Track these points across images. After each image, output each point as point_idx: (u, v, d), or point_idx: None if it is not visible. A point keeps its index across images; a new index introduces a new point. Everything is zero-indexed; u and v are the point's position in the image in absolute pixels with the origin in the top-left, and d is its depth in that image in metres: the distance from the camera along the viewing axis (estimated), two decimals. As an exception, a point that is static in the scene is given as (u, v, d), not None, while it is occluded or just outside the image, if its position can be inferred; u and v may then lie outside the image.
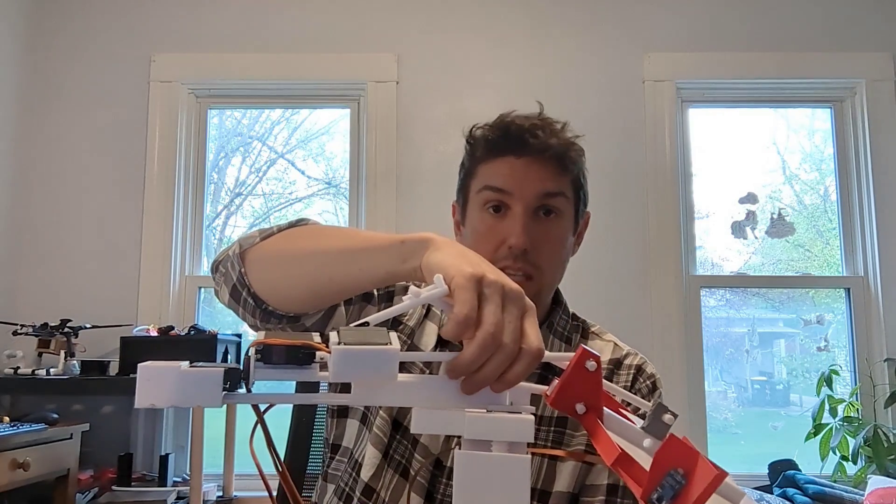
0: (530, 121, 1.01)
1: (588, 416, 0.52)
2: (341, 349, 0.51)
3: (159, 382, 0.50)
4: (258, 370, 0.52)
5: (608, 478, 0.99)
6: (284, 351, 0.52)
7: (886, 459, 2.41)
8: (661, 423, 0.51)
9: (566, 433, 0.99)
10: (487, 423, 0.53)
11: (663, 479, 0.44)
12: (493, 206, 1.00)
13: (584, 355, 0.52)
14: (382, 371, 0.51)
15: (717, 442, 2.83)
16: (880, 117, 2.85)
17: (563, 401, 0.53)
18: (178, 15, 2.90)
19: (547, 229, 0.99)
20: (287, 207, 3.06)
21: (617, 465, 0.47)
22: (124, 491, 2.40)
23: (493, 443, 0.53)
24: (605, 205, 2.75)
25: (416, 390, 0.56)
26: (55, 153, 2.82)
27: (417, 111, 2.82)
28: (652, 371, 1.06)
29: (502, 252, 0.97)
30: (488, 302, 0.58)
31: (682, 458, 0.44)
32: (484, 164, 1.03)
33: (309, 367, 0.53)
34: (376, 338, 0.52)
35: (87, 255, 2.75)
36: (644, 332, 2.68)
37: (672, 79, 2.86)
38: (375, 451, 1.00)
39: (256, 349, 0.52)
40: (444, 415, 0.55)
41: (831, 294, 2.93)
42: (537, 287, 0.98)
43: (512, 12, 2.91)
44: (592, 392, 0.52)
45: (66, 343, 2.45)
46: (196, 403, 0.51)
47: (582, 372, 0.52)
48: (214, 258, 0.92)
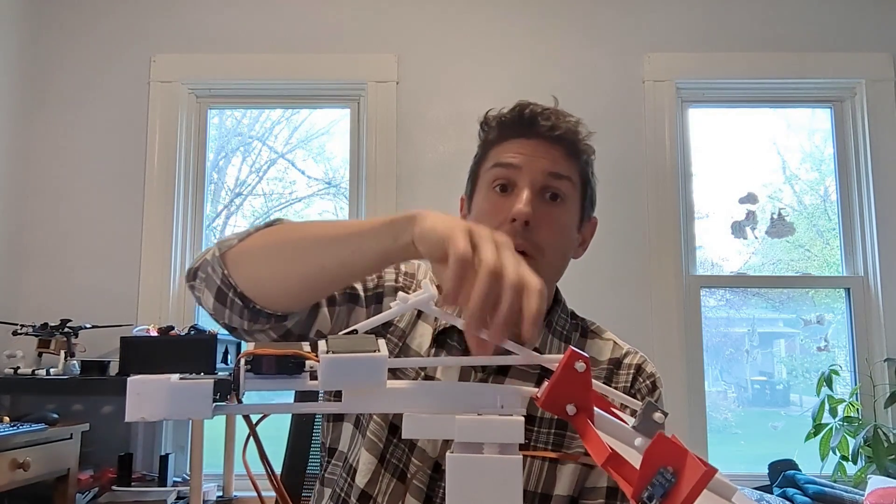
0: (545, 107, 1.03)
1: (578, 417, 0.52)
2: (329, 358, 0.51)
3: (149, 396, 0.50)
4: (248, 381, 0.53)
5: (608, 480, 0.98)
6: (274, 361, 0.53)
7: (886, 459, 2.41)
8: (651, 422, 0.51)
9: (566, 436, 0.99)
10: (478, 426, 0.54)
11: (653, 477, 0.44)
12: (500, 184, 1.00)
13: (573, 356, 0.53)
14: (371, 378, 0.52)
15: (717, 442, 2.83)
16: (880, 117, 2.85)
17: (554, 403, 0.53)
18: (178, 15, 2.90)
19: (551, 211, 0.99)
20: (287, 207, 3.06)
21: (608, 465, 0.47)
22: (124, 491, 2.40)
23: (484, 445, 0.54)
24: (606, 205, 2.73)
25: (406, 397, 0.56)
26: (55, 153, 2.82)
27: (417, 111, 2.82)
28: (652, 370, 1.06)
29: (505, 228, 0.96)
30: (482, 246, 0.61)
31: (671, 456, 0.44)
32: (496, 146, 1.04)
33: (299, 376, 0.54)
34: (365, 345, 0.53)
35: (87, 255, 2.75)
36: (644, 332, 2.68)
37: (672, 79, 2.86)
38: (370, 456, 0.99)
39: (246, 360, 0.53)
40: (435, 419, 0.55)
41: (831, 294, 2.93)
42: (535, 267, 0.97)
43: (512, 12, 2.91)
44: (582, 393, 0.53)
45: (66, 343, 2.45)
46: (187, 416, 0.51)
47: (571, 373, 0.52)
48: (189, 266, 0.91)
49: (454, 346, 1.01)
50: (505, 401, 0.56)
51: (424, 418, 0.55)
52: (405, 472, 0.98)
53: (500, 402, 0.56)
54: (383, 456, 0.99)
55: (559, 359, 0.54)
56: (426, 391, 0.57)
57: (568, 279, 1.07)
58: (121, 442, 2.61)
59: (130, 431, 2.66)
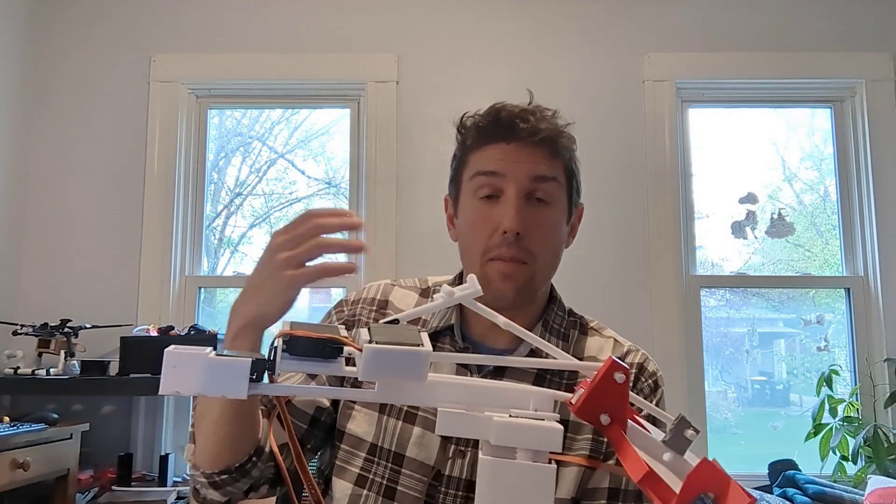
0: (521, 107, 1.01)
1: (613, 429, 0.51)
2: (373, 348, 0.50)
3: (185, 369, 0.49)
4: (284, 361, 0.51)
5: (610, 482, 0.98)
6: (311, 343, 0.51)
7: (886, 459, 2.41)
8: (682, 438, 0.50)
9: (567, 436, 0.98)
10: (515, 430, 0.53)
11: (693, 502, 0.44)
12: (485, 193, 0.99)
13: (614, 367, 0.52)
14: (413, 372, 0.51)
15: (717, 442, 2.83)
16: (880, 117, 2.85)
17: (589, 411, 0.52)
18: (178, 15, 2.90)
19: (540, 215, 0.98)
20: (287, 207, 3.06)
21: (644, 484, 0.46)
22: (124, 491, 2.40)
23: (517, 450, 0.53)
24: (606, 205, 2.75)
25: (441, 390, 0.55)
26: (55, 153, 2.81)
27: (417, 111, 2.82)
28: (654, 369, 1.05)
29: (496, 240, 0.96)
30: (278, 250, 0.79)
31: (713, 482, 0.44)
32: (475, 151, 1.03)
33: (335, 360, 0.52)
34: (409, 338, 0.51)
35: (87, 255, 2.74)
36: (644, 332, 2.67)
37: (672, 79, 2.86)
38: (344, 483, 0.99)
39: (283, 339, 0.51)
40: (470, 418, 0.54)
41: (831, 294, 2.93)
42: (531, 272, 0.98)
43: (512, 12, 2.91)
44: (619, 404, 0.52)
45: (66, 343, 2.45)
46: (221, 393, 0.49)
47: (610, 383, 0.52)
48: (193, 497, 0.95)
49: (447, 349, 1.01)
50: (538, 404, 0.55)
51: (459, 415, 0.53)
52: (393, 487, 0.97)
53: (534, 405, 0.55)
54: (362, 478, 0.98)
55: (598, 366, 0.53)
56: (460, 386, 0.56)
57: (568, 279, 1.07)
58: (121, 442, 2.61)
59: (130, 431, 2.65)
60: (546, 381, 0.99)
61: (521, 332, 0.62)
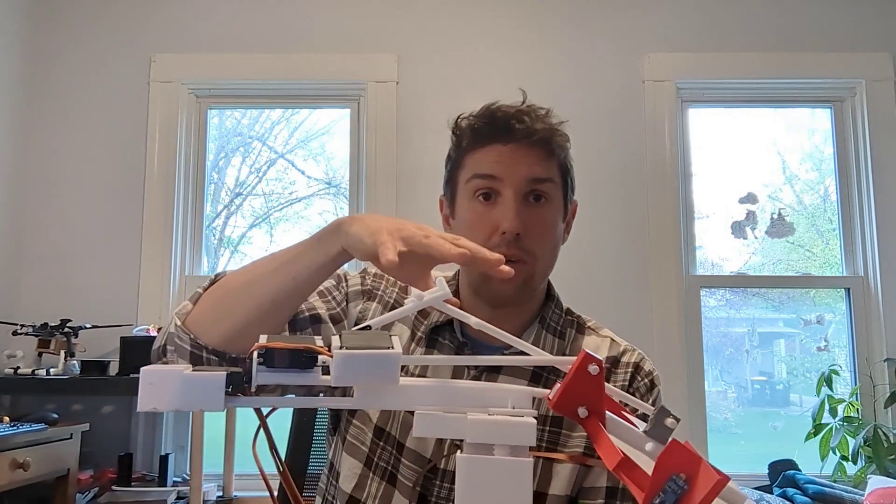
0: (515, 108, 1.01)
1: (590, 420, 0.52)
2: (343, 353, 0.51)
3: (162, 386, 0.50)
4: (260, 373, 0.52)
5: (607, 480, 0.98)
6: (287, 355, 0.52)
7: (886, 459, 2.41)
8: (663, 427, 0.51)
9: (562, 433, 0.99)
10: (490, 427, 0.54)
11: (665, 484, 0.44)
12: (482, 193, 0.99)
13: (587, 359, 0.52)
14: (384, 375, 0.52)
15: (717, 442, 2.83)
16: (880, 117, 2.85)
17: (566, 404, 0.52)
18: (178, 15, 2.90)
19: (538, 214, 0.99)
20: (287, 207, 3.06)
21: (619, 470, 0.47)
22: (124, 491, 2.40)
23: (495, 446, 0.53)
24: (605, 205, 2.75)
25: (418, 393, 0.56)
26: (55, 153, 2.81)
27: (417, 111, 2.82)
28: (650, 368, 1.05)
29: (495, 240, 0.96)
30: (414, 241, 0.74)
31: (684, 463, 0.44)
32: (471, 153, 1.03)
33: (311, 370, 0.53)
34: (378, 341, 0.52)
35: (87, 255, 2.75)
36: (644, 332, 2.67)
37: (672, 79, 2.86)
38: (354, 461, 0.99)
39: (258, 353, 0.52)
40: (446, 418, 0.55)
41: (831, 294, 2.93)
42: (530, 271, 0.98)
43: (512, 12, 2.91)
44: (595, 396, 0.52)
45: (66, 343, 2.45)
46: (198, 407, 0.51)
47: (584, 375, 0.52)
48: (155, 345, 0.92)
49: (446, 345, 1.01)
50: (516, 402, 0.56)
51: (435, 417, 0.55)
52: (395, 474, 0.98)
53: (512, 402, 0.56)
54: (370, 460, 0.99)
55: (572, 360, 0.53)
56: (438, 389, 0.57)
57: (568, 278, 1.07)
58: (121, 442, 2.61)
59: (130, 431, 2.65)
60: (542, 378, 0.99)
61: (495, 331, 0.63)
